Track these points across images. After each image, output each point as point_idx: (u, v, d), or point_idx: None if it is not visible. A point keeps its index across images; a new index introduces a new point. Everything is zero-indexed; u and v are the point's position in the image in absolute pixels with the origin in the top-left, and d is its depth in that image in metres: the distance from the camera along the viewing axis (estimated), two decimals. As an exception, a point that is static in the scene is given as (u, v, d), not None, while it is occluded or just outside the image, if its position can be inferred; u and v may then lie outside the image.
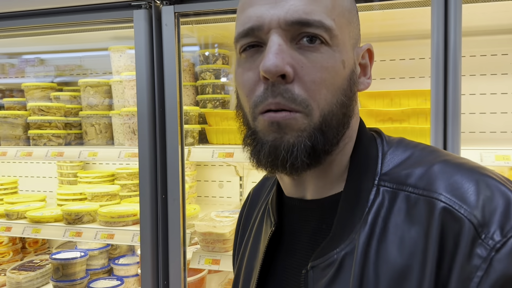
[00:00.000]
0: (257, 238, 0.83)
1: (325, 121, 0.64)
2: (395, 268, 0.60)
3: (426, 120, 1.77)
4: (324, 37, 0.63)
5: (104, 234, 2.04)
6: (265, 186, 0.93)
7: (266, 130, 0.65)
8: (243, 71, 0.67)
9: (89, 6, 1.77)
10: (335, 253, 0.65)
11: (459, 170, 0.63)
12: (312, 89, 0.63)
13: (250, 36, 0.65)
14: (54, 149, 2.12)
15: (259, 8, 0.64)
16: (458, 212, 0.58)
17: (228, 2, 1.66)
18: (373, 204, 0.66)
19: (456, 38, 1.38)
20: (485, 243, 0.55)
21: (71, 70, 2.77)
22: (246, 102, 0.68)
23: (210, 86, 2.30)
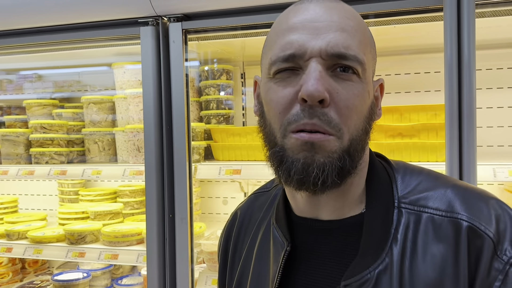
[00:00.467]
0: (263, 258, 0.82)
1: (353, 145, 0.70)
2: (428, 282, 0.66)
3: (436, 135, 1.75)
4: (357, 69, 0.69)
5: (108, 254, 1.99)
6: (257, 206, 0.93)
7: (297, 149, 0.68)
8: (278, 90, 0.71)
9: (95, 23, 1.75)
10: (368, 272, 0.69)
11: (470, 194, 0.72)
12: (345, 114, 0.68)
13: (289, 62, 0.69)
14: (56, 167, 2.08)
15: (300, 37, 0.69)
16: (479, 230, 0.67)
17: (235, 18, 1.65)
18: (399, 223, 0.71)
19: (470, 51, 1.37)
20: (500, 258, 0.65)
21: (70, 85, 2.75)
22: (277, 119, 0.71)
23: (215, 102, 2.28)
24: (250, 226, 0.91)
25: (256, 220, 0.90)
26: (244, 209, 0.96)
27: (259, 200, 0.94)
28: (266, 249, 0.82)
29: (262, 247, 0.84)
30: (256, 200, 0.95)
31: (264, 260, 0.82)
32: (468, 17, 1.37)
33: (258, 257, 0.84)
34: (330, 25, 0.69)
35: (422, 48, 2.15)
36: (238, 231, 0.93)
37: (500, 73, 2.11)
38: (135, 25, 1.72)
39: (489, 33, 1.87)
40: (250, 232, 0.90)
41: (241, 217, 0.95)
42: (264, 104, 0.75)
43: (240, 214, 0.96)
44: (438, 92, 2.17)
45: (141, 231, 2.10)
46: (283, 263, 0.76)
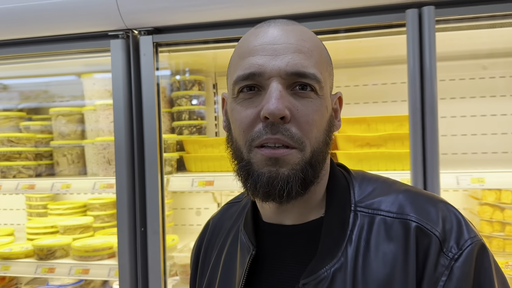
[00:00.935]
0: (230, 264, 0.86)
1: (314, 156, 0.75)
2: (380, 279, 0.72)
3: (402, 145, 1.81)
4: (315, 87, 0.75)
5: (79, 269, 1.96)
6: (228, 215, 0.97)
7: (262, 163, 0.73)
8: (241, 109, 0.76)
9: (65, 36, 1.74)
10: (325, 271, 0.74)
11: (419, 198, 0.78)
12: (306, 129, 0.74)
13: (250, 80, 0.74)
14: (24, 181, 2.03)
15: (260, 58, 0.74)
16: (427, 229, 0.73)
17: (206, 32, 1.66)
18: (354, 226, 0.77)
19: (431, 63, 1.43)
20: (445, 254, 0.71)
21: (37, 96, 2.69)
22: (242, 136, 0.76)
23: (187, 112, 2.28)
24: (220, 234, 0.95)
25: (226, 229, 0.94)
26: (216, 219, 1.00)
27: (231, 209, 0.98)
28: (234, 255, 0.87)
29: (230, 253, 0.88)
30: (228, 210, 0.99)
31: (231, 266, 0.86)
32: (429, 32, 1.43)
33: (225, 263, 0.88)
34: (287, 47, 0.74)
35: (388, 59, 2.22)
36: (209, 240, 0.97)
37: (463, 83, 2.20)
38: (105, 38, 1.71)
39: (452, 45, 1.95)
40: (219, 241, 0.94)
41: (212, 226, 0.99)
42: (231, 122, 0.80)
43: (211, 223, 1.00)
44: (404, 102, 2.22)
45: (112, 245, 2.07)
46: (248, 266, 0.80)
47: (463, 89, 2.20)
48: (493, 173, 1.64)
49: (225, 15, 1.59)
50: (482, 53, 2.15)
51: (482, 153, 2.20)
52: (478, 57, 2.18)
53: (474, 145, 2.19)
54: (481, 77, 2.19)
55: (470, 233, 0.73)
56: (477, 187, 1.63)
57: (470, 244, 0.71)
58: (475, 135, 2.21)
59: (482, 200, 1.98)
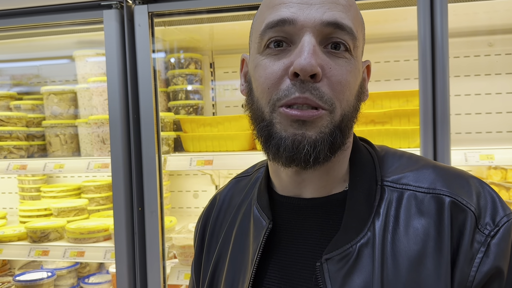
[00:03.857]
0: (242, 239, 0.82)
1: (344, 120, 0.69)
2: (411, 255, 0.67)
3: (408, 122, 1.75)
4: (350, 45, 0.68)
5: (74, 251, 1.90)
6: (237, 190, 0.92)
7: (287, 125, 0.67)
8: (267, 65, 0.69)
9: (55, 7, 1.65)
10: (350, 246, 0.69)
11: (451, 173, 0.74)
12: (338, 89, 0.67)
13: (279, 29, 0.68)
14: (16, 161, 1.96)
15: (292, 6, 0.67)
16: (462, 205, 0.69)
17: (201, 1, 1.58)
18: (382, 200, 0.72)
19: (443, 38, 1.37)
20: (481, 231, 0.67)
21: (29, 79, 2.60)
22: (266, 94, 0.69)
23: (183, 92, 2.21)
24: (229, 209, 0.89)
25: (236, 204, 0.88)
26: (223, 193, 0.94)
27: (239, 184, 0.93)
28: (246, 230, 0.82)
29: (241, 228, 0.83)
30: (237, 184, 0.93)
31: (244, 241, 0.81)
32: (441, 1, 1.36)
33: (237, 239, 0.82)
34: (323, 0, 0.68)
35: (391, 36, 2.16)
36: (217, 215, 0.91)
37: (467, 61, 2.14)
38: (98, 8, 1.63)
39: (456, 21, 1.88)
40: (229, 216, 0.88)
41: (220, 201, 0.93)
42: (253, 81, 0.73)
43: (219, 198, 0.93)
44: (407, 81, 2.18)
45: (108, 227, 2.01)
46: (264, 240, 0.75)
47: (468, 67, 2.14)
48: (503, 150, 1.59)
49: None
50: (488, 29, 2.09)
51: (486, 132, 2.15)
52: (483, 34, 2.12)
53: (478, 124, 2.14)
54: (486, 54, 2.13)
55: (506, 210, 0.69)
56: (486, 163, 1.58)
57: (507, 221, 0.68)
58: (480, 114, 2.15)
59: (488, 179, 1.93)
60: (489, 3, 1.62)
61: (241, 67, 0.82)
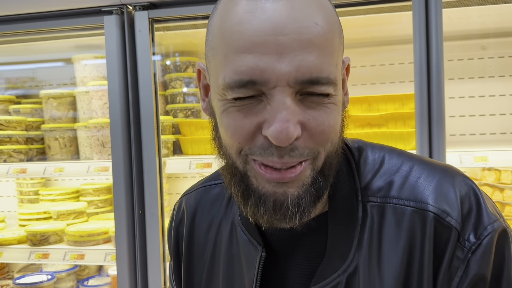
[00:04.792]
0: (233, 264, 0.77)
1: (327, 162, 0.63)
2: (395, 274, 0.64)
3: (404, 124, 1.78)
4: (330, 91, 0.59)
5: (74, 254, 1.91)
6: (209, 199, 0.84)
7: (264, 182, 0.61)
8: (236, 117, 0.60)
9: (56, 13, 1.67)
10: (337, 275, 0.66)
11: (435, 173, 0.68)
12: (321, 138, 0.61)
13: (248, 89, 0.57)
14: (16, 165, 1.97)
15: (261, 59, 0.56)
16: (445, 222, 0.64)
17: (203, 7, 1.61)
18: (364, 221, 0.67)
19: (437, 42, 1.40)
20: (462, 245, 0.63)
21: (24, 82, 2.61)
22: (236, 146, 0.61)
23: (181, 95, 2.23)
24: (203, 224, 0.83)
25: (213, 218, 0.82)
26: (192, 204, 0.86)
27: (210, 193, 0.85)
28: (235, 253, 0.77)
29: (229, 251, 0.78)
30: (207, 193, 0.85)
31: (235, 265, 0.77)
32: (436, 4, 1.39)
33: (227, 262, 0.78)
34: (296, 39, 0.56)
35: (386, 40, 2.19)
36: (189, 229, 0.84)
37: (461, 64, 2.17)
38: (98, 14, 1.65)
39: (449, 25, 1.91)
40: (207, 232, 0.82)
41: (189, 213, 0.85)
42: (219, 124, 0.64)
43: (187, 210, 0.86)
44: (402, 84, 2.21)
45: (108, 229, 2.03)
46: (260, 268, 0.71)
47: (462, 70, 2.17)
48: (496, 152, 1.62)
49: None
50: (481, 33, 2.13)
51: (480, 134, 2.19)
52: (476, 37, 2.16)
53: (472, 127, 2.18)
54: (480, 57, 2.17)
55: (490, 218, 0.64)
56: (480, 165, 1.61)
57: (490, 233, 0.63)
58: (474, 116, 2.19)
59: (482, 180, 1.97)
60: (482, 8, 1.65)
61: (198, 77, 0.72)
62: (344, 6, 1.54)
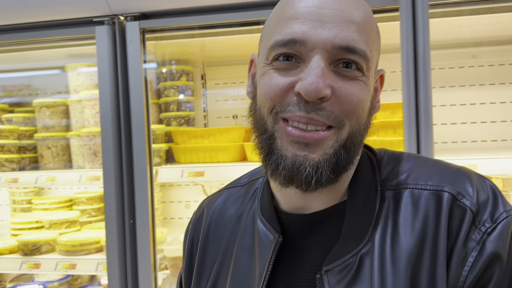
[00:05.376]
0: (245, 255, 0.79)
1: (351, 139, 0.67)
2: (409, 251, 0.66)
3: (394, 133, 1.80)
4: (363, 66, 0.66)
5: (66, 264, 1.91)
6: (230, 201, 0.88)
7: (288, 143, 0.66)
8: (273, 76, 0.67)
9: (48, 23, 1.68)
10: (350, 256, 0.68)
11: (451, 168, 0.73)
12: (348, 108, 0.65)
13: (289, 48, 0.65)
14: (8, 175, 1.97)
15: (305, 23, 0.64)
16: (461, 202, 0.67)
17: (193, 18, 1.62)
18: (382, 206, 0.71)
19: (425, 52, 1.41)
20: (478, 228, 0.65)
21: (20, 90, 2.61)
22: (269, 103, 0.68)
23: (175, 104, 2.24)
24: (222, 222, 0.86)
25: (232, 216, 0.85)
26: (214, 205, 0.90)
27: (232, 194, 0.89)
28: (250, 245, 0.79)
29: (244, 243, 0.80)
30: (229, 195, 0.90)
31: (247, 256, 0.78)
32: (423, 15, 1.41)
33: (239, 254, 0.80)
34: (338, 14, 0.64)
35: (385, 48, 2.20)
36: (207, 228, 0.87)
37: (452, 72, 2.19)
38: (90, 24, 1.66)
39: (440, 33, 1.94)
40: (224, 229, 0.85)
41: (210, 213, 0.89)
42: (258, 88, 0.71)
43: (209, 210, 0.90)
44: (394, 92, 2.22)
45: (100, 239, 2.02)
46: (274, 254, 0.74)
47: (453, 78, 2.19)
48: (485, 160, 1.63)
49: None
50: (471, 42, 2.15)
51: (471, 141, 2.20)
52: (467, 46, 2.18)
53: (464, 134, 2.19)
54: (471, 66, 2.19)
55: (506, 206, 0.68)
56: (470, 174, 1.62)
57: (506, 217, 0.66)
58: (465, 123, 2.20)
59: (473, 188, 1.97)
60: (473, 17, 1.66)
61: (249, 67, 0.79)
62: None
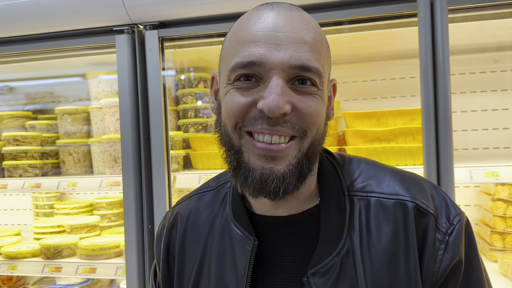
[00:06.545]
0: (223, 258, 0.82)
1: (312, 147, 0.74)
2: (383, 253, 0.75)
3: (413, 139, 1.77)
4: (316, 81, 0.72)
5: (86, 268, 1.94)
6: (202, 205, 0.90)
7: (254, 157, 0.71)
8: (235, 95, 0.72)
9: (70, 32, 1.72)
10: (332, 258, 0.75)
11: (407, 178, 0.82)
12: (309, 120, 0.72)
13: (249, 69, 0.70)
14: (31, 180, 2.01)
15: (262, 46, 0.70)
16: (423, 209, 0.77)
17: (211, 26, 1.64)
18: (352, 210, 0.78)
19: (444, 56, 1.39)
20: (439, 230, 0.76)
21: (43, 97, 2.68)
22: (232, 120, 0.72)
23: (192, 110, 2.26)
24: (197, 227, 0.88)
25: (205, 220, 0.88)
26: (185, 210, 0.92)
27: (203, 199, 0.92)
28: (227, 248, 0.82)
29: (220, 247, 0.84)
30: (200, 200, 0.92)
31: (225, 259, 0.82)
32: (442, 20, 1.39)
33: (216, 258, 0.83)
34: (291, 36, 0.70)
35: (397, 54, 2.19)
36: (183, 233, 0.89)
37: (473, 77, 2.15)
38: (110, 33, 1.69)
39: (461, 38, 1.91)
40: (198, 233, 0.87)
41: (183, 218, 0.91)
42: (222, 106, 0.76)
43: (181, 215, 0.92)
44: (413, 97, 2.21)
45: (119, 243, 2.05)
46: (253, 257, 0.78)
47: (474, 83, 2.15)
48: (508, 167, 1.60)
49: (232, 7, 1.56)
50: (493, 46, 2.11)
51: (493, 148, 2.16)
52: (488, 50, 2.14)
53: (485, 140, 2.15)
54: (492, 71, 2.15)
55: (456, 209, 0.79)
56: (492, 181, 1.59)
57: (460, 220, 0.78)
58: (486, 130, 2.16)
59: (495, 195, 1.93)
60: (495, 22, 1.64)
61: (211, 84, 0.84)
62: (356, 22, 1.56)
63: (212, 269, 0.83)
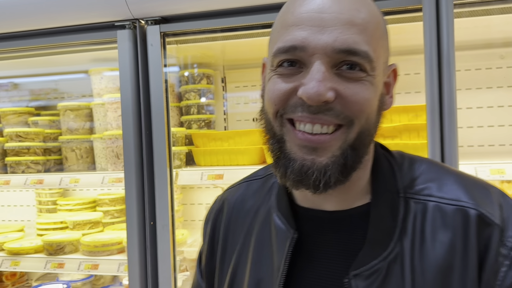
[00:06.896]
0: (263, 247, 0.80)
1: (360, 138, 0.67)
2: (439, 269, 0.67)
3: (418, 136, 1.76)
4: (366, 66, 0.66)
5: (88, 264, 1.94)
6: (249, 193, 0.89)
7: (296, 147, 0.67)
8: (277, 82, 0.69)
9: (71, 28, 1.71)
10: (378, 262, 0.69)
11: (472, 183, 0.74)
12: (356, 108, 0.66)
13: (291, 54, 0.66)
14: (33, 176, 2.01)
15: (305, 29, 0.65)
16: (488, 218, 0.69)
17: (214, 21, 1.62)
18: (407, 214, 0.71)
19: (449, 51, 1.37)
20: (505, 245, 0.67)
21: (47, 94, 2.68)
22: (273, 108, 0.69)
23: (195, 107, 2.25)
24: (241, 214, 0.87)
25: (250, 208, 0.86)
26: (234, 196, 0.91)
27: (251, 187, 0.91)
28: (266, 239, 0.80)
29: (261, 236, 0.81)
30: (248, 188, 0.91)
31: (264, 249, 0.80)
32: (447, 15, 1.37)
33: (257, 247, 0.81)
34: (338, 18, 0.64)
35: (401, 49, 2.16)
36: (228, 219, 0.89)
37: (479, 73, 2.13)
38: (112, 28, 1.68)
39: (467, 34, 1.88)
40: (243, 221, 0.86)
41: (230, 204, 0.90)
42: (265, 92, 0.73)
43: (229, 201, 0.91)
44: (418, 94, 2.18)
45: (122, 240, 2.05)
46: (290, 251, 0.74)
47: (479, 79, 2.13)
48: (514, 164, 1.58)
49: (234, 2, 1.54)
50: (499, 42, 2.08)
51: (499, 145, 2.14)
52: (494, 46, 2.11)
53: (491, 137, 2.13)
54: (498, 67, 2.12)
55: None
56: (497, 178, 1.57)
57: None
58: (492, 126, 2.14)
59: (501, 193, 1.91)
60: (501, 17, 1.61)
61: (262, 70, 0.81)
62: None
63: (250, 259, 0.81)
